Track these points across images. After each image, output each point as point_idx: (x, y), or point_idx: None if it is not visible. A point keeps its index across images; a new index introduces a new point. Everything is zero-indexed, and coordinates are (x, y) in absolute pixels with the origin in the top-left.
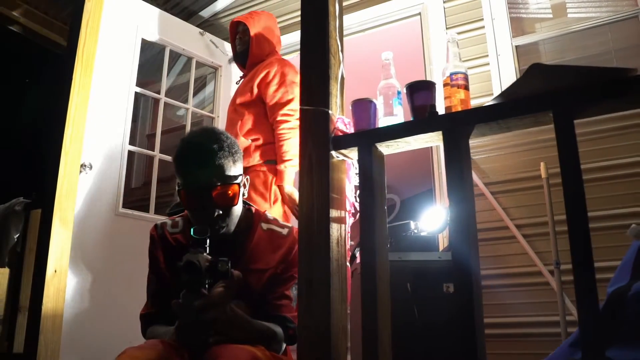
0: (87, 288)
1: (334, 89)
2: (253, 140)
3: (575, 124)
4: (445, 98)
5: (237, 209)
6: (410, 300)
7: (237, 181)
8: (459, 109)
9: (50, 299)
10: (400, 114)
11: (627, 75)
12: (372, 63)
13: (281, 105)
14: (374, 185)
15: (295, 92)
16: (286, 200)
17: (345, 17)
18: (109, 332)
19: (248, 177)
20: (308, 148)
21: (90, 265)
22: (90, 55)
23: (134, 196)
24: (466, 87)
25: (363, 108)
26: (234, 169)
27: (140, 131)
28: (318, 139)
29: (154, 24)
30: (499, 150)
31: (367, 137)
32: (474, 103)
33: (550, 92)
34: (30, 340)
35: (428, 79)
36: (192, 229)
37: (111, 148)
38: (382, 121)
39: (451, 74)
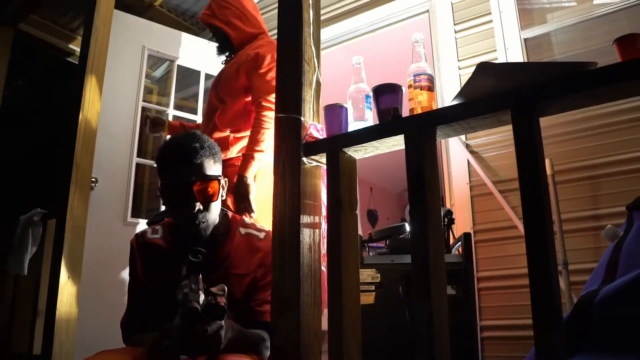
0: (100, 293)
1: (308, 95)
2: (232, 131)
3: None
4: (409, 100)
5: (216, 207)
6: (402, 303)
7: (217, 179)
8: (419, 111)
9: (64, 304)
10: (370, 118)
11: (588, 69)
12: (385, 61)
13: (267, 90)
14: (341, 190)
15: None
16: (240, 192)
17: (355, 19)
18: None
19: (227, 179)
20: (281, 155)
21: (102, 271)
22: (100, 73)
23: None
24: (430, 89)
25: (334, 113)
26: (214, 168)
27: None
28: (290, 145)
29: (161, 40)
30: (508, 148)
31: (334, 143)
32: None
33: (509, 90)
34: (46, 343)
35: (436, 76)
36: (189, 252)
37: (119, 161)
38: (353, 126)
39: (414, 76)
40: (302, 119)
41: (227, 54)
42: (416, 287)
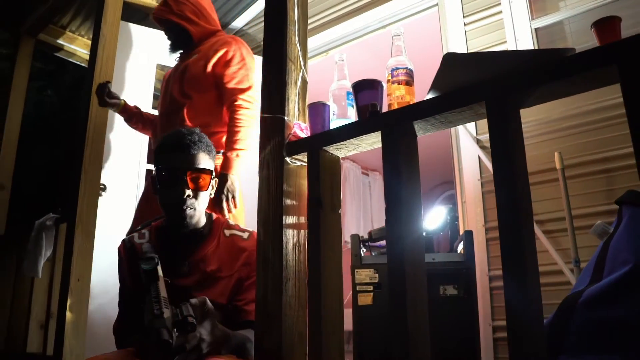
0: (110, 297)
1: (293, 94)
2: (202, 127)
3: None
4: (387, 96)
5: (204, 200)
6: None
7: (210, 171)
8: (396, 106)
9: (73, 306)
10: (354, 116)
11: (565, 55)
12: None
13: (241, 90)
14: (322, 189)
15: (253, 80)
16: (229, 189)
17: (364, 15)
18: None
19: (217, 179)
20: (265, 155)
21: (113, 275)
22: (108, 79)
23: None
24: (408, 83)
25: (317, 112)
26: (209, 162)
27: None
28: (273, 145)
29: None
30: None
31: (314, 141)
32: None
33: (484, 81)
34: (57, 344)
35: None
36: (140, 262)
37: (128, 167)
38: (335, 124)
39: (392, 70)
40: (285, 118)
41: (181, 50)
42: (391, 292)
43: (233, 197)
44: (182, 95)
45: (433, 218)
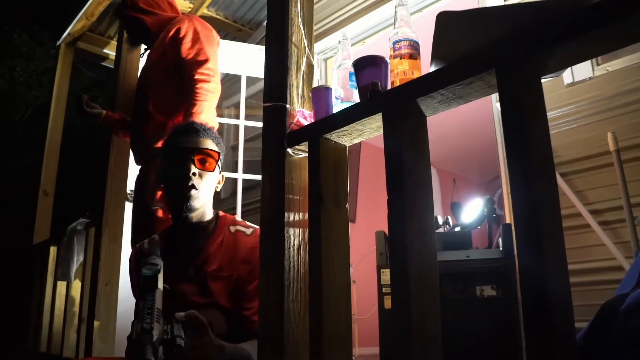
0: None
1: (296, 79)
2: (168, 116)
3: None
4: (390, 72)
5: (210, 184)
6: None
7: (218, 152)
8: (398, 83)
9: (101, 310)
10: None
11: (585, 4)
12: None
13: (198, 63)
14: (324, 182)
15: (210, 53)
16: None
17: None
18: None
19: (223, 174)
20: (266, 147)
21: None
22: (132, 81)
23: (225, 205)
24: (412, 57)
25: (319, 97)
26: (215, 149)
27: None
28: (273, 136)
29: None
30: (570, 124)
31: (313, 129)
32: None
33: (493, 43)
34: (87, 348)
35: None
36: (143, 268)
37: None
38: (339, 108)
39: (394, 43)
40: (287, 106)
41: (144, 46)
42: (394, 293)
43: None
44: (147, 87)
45: (469, 211)
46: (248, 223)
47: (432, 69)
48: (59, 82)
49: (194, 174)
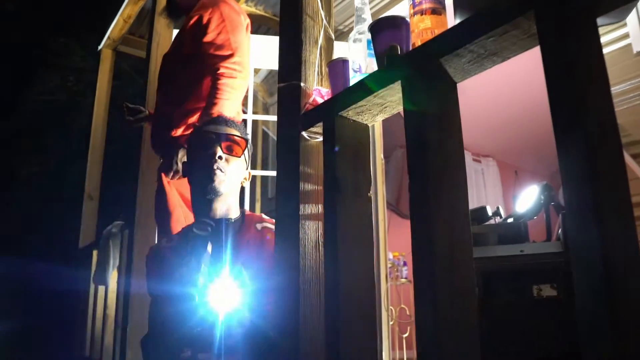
0: None
1: (312, 55)
2: (181, 103)
3: None
4: (411, 34)
5: (236, 172)
6: (479, 309)
7: (245, 139)
8: (418, 43)
9: (134, 315)
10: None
11: None
12: None
13: (223, 56)
14: (341, 167)
15: (238, 43)
16: None
17: None
18: None
19: (250, 171)
20: (281, 132)
21: None
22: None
23: (273, 205)
24: (435, 11)
25: (336, 71)
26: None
27: None
28: (287, 119)
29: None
30: None
31: (327, 107)
32: None
33: None
34: (121, 354)
35: None
36: (194, 228)
37: None
38: (356, 81)
39: None
40: (302, 85)
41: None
42: (417, 293)
43: None
44: (161, 73)
45: (524, 199)
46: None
47: (457, 21)
48: (101, 87)
49: (219, 157)
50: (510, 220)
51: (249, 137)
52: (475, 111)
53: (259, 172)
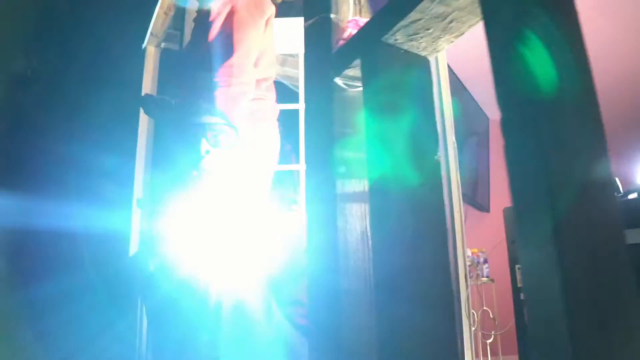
0: None
1: None
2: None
3: None
4: None
5: None
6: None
7: None
8: None
9: None
10: None
11: None
12: None
13: (221, 60)
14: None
15: (241, 42)
16: None
17: None
18: None
19: None
20: (309, 82)
21: None
22: None
23: None
24: None
25: None
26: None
27: None
28: (315, 64)
29: None
30: None
31: (366, 33)
32: None
33: None
34: None
35: None
36: None
37: None
38: None
39: None
40: (333, 16)
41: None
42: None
43: None
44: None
45: None
46: None
47: None
48: (147, 86)
49: None
50: (632, 195)
51: None
52: None
53: None
